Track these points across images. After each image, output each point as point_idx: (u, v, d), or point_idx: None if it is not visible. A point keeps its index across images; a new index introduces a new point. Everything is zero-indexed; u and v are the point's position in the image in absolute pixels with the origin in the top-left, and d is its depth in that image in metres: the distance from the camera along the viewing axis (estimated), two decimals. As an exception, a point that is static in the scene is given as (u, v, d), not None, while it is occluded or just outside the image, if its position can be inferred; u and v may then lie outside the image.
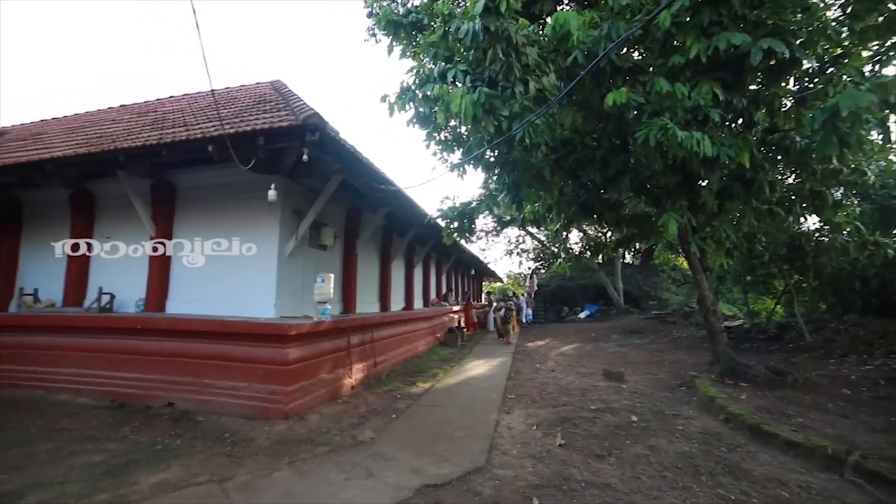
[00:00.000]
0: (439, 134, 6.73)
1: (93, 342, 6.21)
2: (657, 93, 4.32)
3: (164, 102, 9.09)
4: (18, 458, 3.92)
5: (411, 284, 12.41)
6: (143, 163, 5.91)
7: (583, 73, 3.99)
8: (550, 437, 4.61)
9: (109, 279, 7.10)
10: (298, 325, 5.29)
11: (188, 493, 3.30)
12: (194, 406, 5.26)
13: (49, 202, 7.89)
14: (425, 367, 9.01)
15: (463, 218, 6.77)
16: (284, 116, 4.83)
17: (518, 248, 32.09)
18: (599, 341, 13.17)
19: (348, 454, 4.11)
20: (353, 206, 8.26)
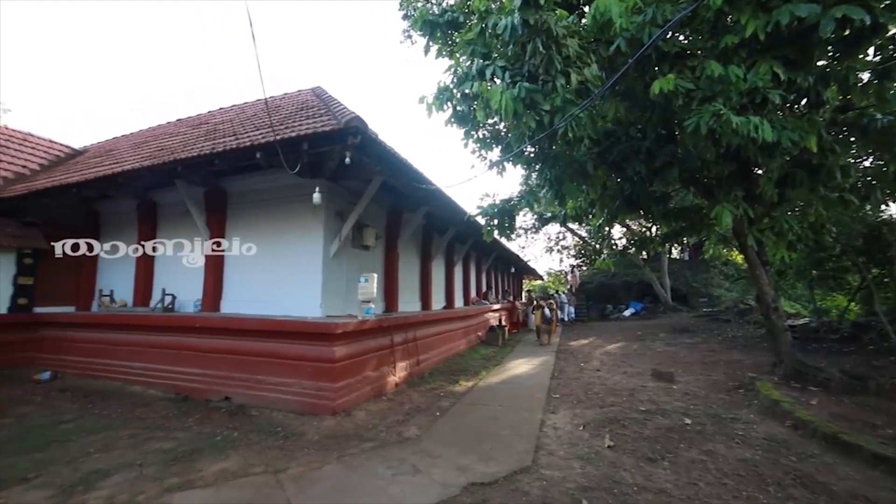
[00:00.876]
0: (477, 132, 6.68)
1: (158, 339, 6.71)
2: (708, 77, 4.06)
3: (215, 114, 9.65)
4: (105, 441, 4.38)
5: (451, 283, 12.46)
6: (198, 171, 6.31)
7: (630, 62, 3.81)
8: (598, 439, 4.48)
9: (171, 281, 7.65)
10: (344, 323, 5.45)
11: (246, 482, 3.49)
12: (248, 400, 5.56)
13: (120, 212, 8.62)
14: (467, 365, 9.02)
15: (503, 215, 6.68)
16: (327, 121, 4.98)
17: (558, 245, 31.45)
18: (646, 340, 12.64)
19: (395, 450, 4.19)
20: (394, 207, 8.41)
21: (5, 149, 10.27)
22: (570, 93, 4.08)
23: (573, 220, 8.41)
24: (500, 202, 6.97)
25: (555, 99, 4.10)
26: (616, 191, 6.62)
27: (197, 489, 3.36)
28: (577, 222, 15.19)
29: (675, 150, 5.68)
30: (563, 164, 5.81)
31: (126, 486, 3.37)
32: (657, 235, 8.99)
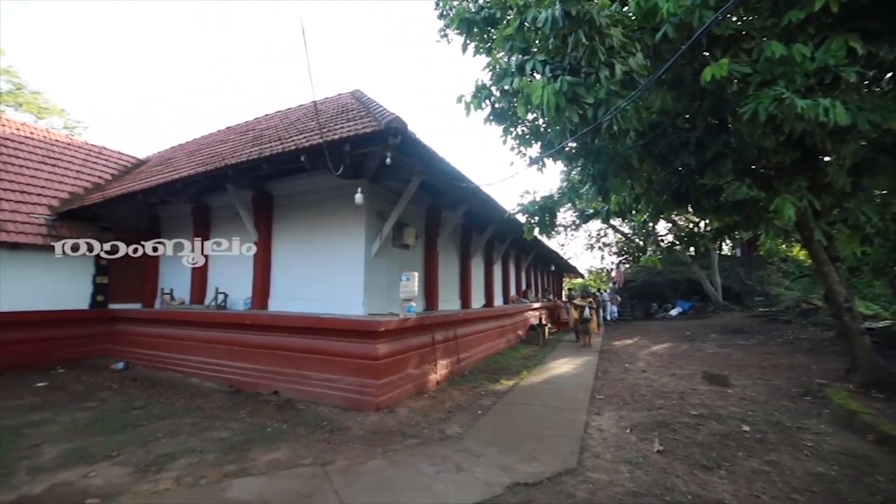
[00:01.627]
0: (516, 128, 6.58)
1: (213, 335, 7.14)
2: (767, 59, 3.76)
3: (261, 121, 10.10)
4: (171, 427, 4.75)
5: (491, 281, 12.40)
6: (246, 176, 6.63)
7: (684, 47, 3.60)
8: (647, 442, 4.30)
9: (223, 280, 8.11)
10: (387, 321, 5.55)
11: (296, 473, 3.63)
12: (296, 395, 5.79)
13: (178, 216, 9.25)
14: (508, 364, 8.95)
15: (544, 212, 6.55)
16: (368, 123, 5.08)
17: (599, 243, 30.52)
18: (696, 341, 12.00)
19: (437, 448, 4.22)
20: (433, 206, 8.48)
21: (85, 162, 11.32)
22: (614, 84, 3.92)
23: (616, 216, 8.09)
24: (540, 199, 6.84)
25: (598, 91, 3.95)
26: (662, 185, 6.31)
27: (251, 477, 3.54)
28: (620, 218, 14.63)
29: (727, 139, 5.33)
30: (606, 158, 5.61)
31: (190, 470, 3.63)
32: (708, 231, 8.48)
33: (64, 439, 4.36)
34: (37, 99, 21.30)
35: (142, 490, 3.30)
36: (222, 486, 3.37)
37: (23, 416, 5.13)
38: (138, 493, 3.26)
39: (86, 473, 3.58)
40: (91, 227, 9.15)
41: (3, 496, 3.21)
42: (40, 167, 10.02)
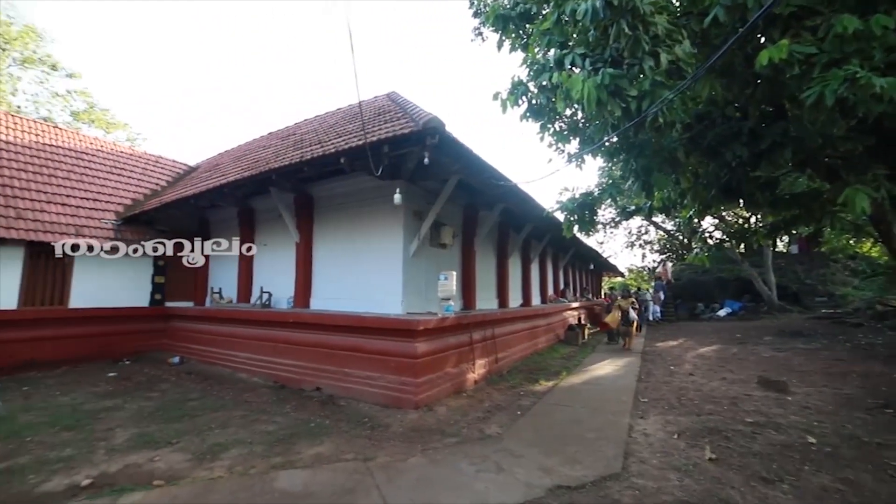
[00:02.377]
0: (553, 125, 6.45)
1: (258, 332, 7.46)
2: (837, 36, 3.45)
3: (301, 125, 10.46)
4: (223, 419, 5.01)
5: (528, 280, 12.24)
6: (288, 179, 6.88)
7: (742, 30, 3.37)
8: (697, 449, 4.09)
9: (267, 280, 8.47)
10: (426, 320, 5.59)
11: (340, 467, 3.72)
12: (337, 391, 5.95)
13: (225, 218, 9.76)
14: (546, 364, 8.80)
15: (583, 209, 6.36)
16: (405, 124, 5.14)
17: (640, 240, 29.41)
18: (748, 343, 11.27)
19: (477, 447, 4.21)
20: (470, 205, 8.47)
21: (144, 171, 12.18)
22: (659, 75, 3.73)
23: (660, 212, 7.74)
24: (580, 196, 6.65)
25: (643, 83, 3.78)
26: (711, 178, 5.97)
27: (297, 469, 3.66)
28: (663, 215, 13.99)
29: (785, 127, 4.95)
30: (650, 152, 5.37)
31: (241, 460, 3.82)
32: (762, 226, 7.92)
33: (132, 425, 4.73)
34: (105, 115, 23.29)
35: (199, 476, 3.51)
36: (271, 477, 3.51)
37: (98, 402, 5.64)
38: (196, 478, 3.47)
39: (151, 457, 3.86)
40: (150, 230, 9.84)
41: (89, 471, 3.59)
42: (108, 177, 10.88)
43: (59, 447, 4.10)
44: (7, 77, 19.51)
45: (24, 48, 19.60)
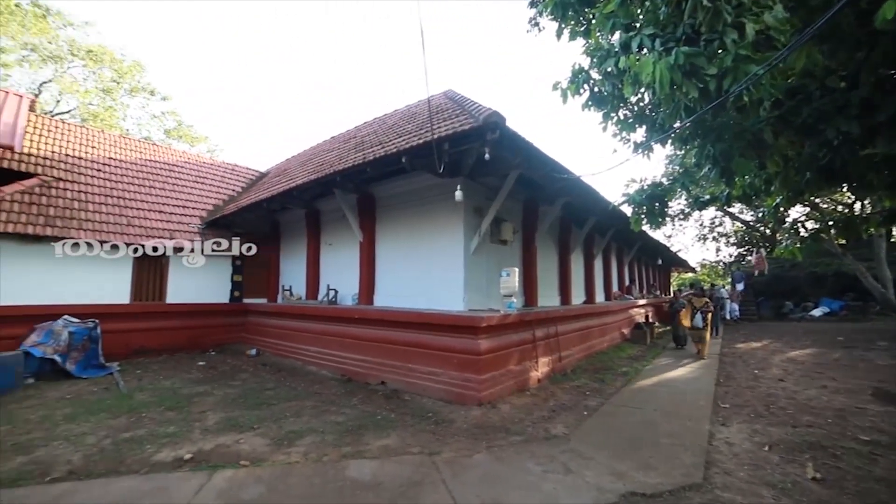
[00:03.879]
0: (617, 113, 6.10)
1: (326, 327, 7.85)
2: None
3: (361, 128, 10.84)
4: (296, 408, 5.33)
5: (591, 277, 11.79)
6: (352, 180, 7.15)
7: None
8: (795, 466, 3.68)
9: (333, 278, 8.89)
10: (488, 317, 5.56)
11: (406, 460, 3.81)
12: (401, 386, 6.10)
13: (293, 220, 10.39)
14: (612, 364, 8.43)
15: (652, 201, 5.95)
16: (464, 120, 5.13)
17: (714, 233, 27.04)
18: (854, 348, 9.96)
19: (543, 447, 4.12)
20: (530, 200, 8.31)
21: (222, 178, 13.35)
22: (744, 48, 3.35)
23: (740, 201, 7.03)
24: (648, 187, 6.24)
25: (724, 59, 3.42)
26: (806, 161, 5.29)
27: (366, 459, 3.80)
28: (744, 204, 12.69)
29: (913, 94, 4.24)
30: (730, 136, 4.87)
31: (314, 448, 4.04)
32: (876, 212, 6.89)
33: (220, 409, 5.20)
34: (189, 131, 25.99)
35: (278, 460, 3.76)
36: (342, 465, 3.68)
37: (192, 388, 6.29)
38: (275, 462, 3.72)
39: (237, 439, 4.22)
40: (228, 232, 10.74)
41: (189, 447, 4.02)
42: (194, 185, 12.06)
43: (166, 424, 4.65)
44: (120, 105, 22.49)
45: (132, 79, 22.40)
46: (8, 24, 17.46)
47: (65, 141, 10.55)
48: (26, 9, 18.13)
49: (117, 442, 4.12)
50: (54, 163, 9.53)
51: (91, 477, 3.43)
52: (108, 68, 21.61)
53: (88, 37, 20.91)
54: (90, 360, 7.37)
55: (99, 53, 20.96)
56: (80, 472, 3.50)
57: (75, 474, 3.47)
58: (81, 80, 21.33)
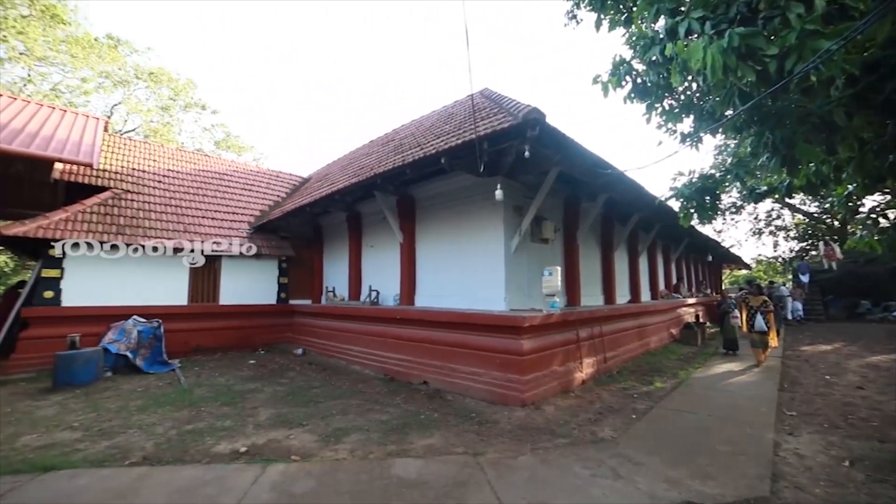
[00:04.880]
0: (662, 103, 5.82)
1: (368, 328, 8.01)
2: None
3: (399, 131, 11.03)
4: (342, 406, 5.47)
5: (636, 275, 11.35)
6: (392, 182, 7.27)
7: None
8: (887, 487, 3.31)
9: (375, 278, 9.06)
10: (531, 317, 5.47)
11: (450, 460, 3.80)
12: (443, 386, 6.11)
13: (335, 223, 10.70)
14: (661, 365, 8.05)
15: (703, 194, 5.63)
16: (503, 118, 5.08)
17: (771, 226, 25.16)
18: (952, 355, 8.90)
19: (590, 450, 3.99)
20: (571, 197, 8.13)
21: (268, 185, 14.00)
22: (812, 22, 3.09)
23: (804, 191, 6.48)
24: (697, 179, 5.90)
25: (787, 37, 3.15)
26: (889, 142, 4.79)
27: (411, 458, 3.83)
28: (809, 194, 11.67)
29: None
30: (792, 120, 4.51)
31: (360, 445, 4.12)
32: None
33: (270, 406, 5.44)
34: (237, 141, 27.60)
35: (326, 456, 3.88)
36: (387, 463, 3.73)
37: (244, 385, 6.62)
38: (324, 458, 3.84)
39: (287, 435, 4.39)
40: (275, 237, 11.26)
41: (244, 441, 4.23)
42: (242, 192, 12.73)
43: (222, 418, 4.92)
44: (176, 120, 24.32)
45: (186, 96, 24.14)
46: (88, 56, 19.58)
47: (131, 156, 11.50)
48: (102, 41, 20.10)
49: (181, 433, 4.42)
50: (123, 176, 10.40)
51: (161, 463, 3.70)
52: (165, 87, 23.37)
53: (150, 60, 22.81)
54: (156, 357, 7.96)
55: (158, 75, 22.76)
56: (153, 459, 3.80)
57: (148, 460, 3.77)
58: (144, 100, 23.25)
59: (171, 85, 23.46)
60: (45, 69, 19.06)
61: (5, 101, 9.16)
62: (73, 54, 19.17)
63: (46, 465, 3.64)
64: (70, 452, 3.96)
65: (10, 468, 3.62)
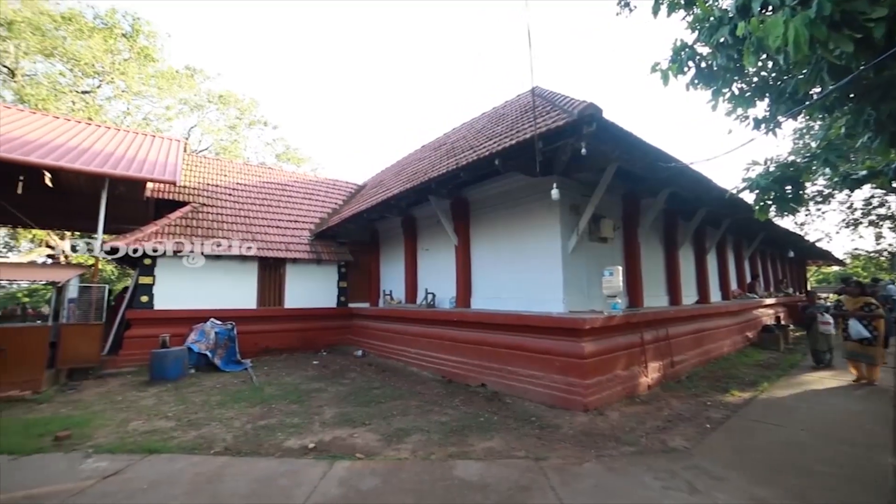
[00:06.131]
0: (731, 88, 5.39)
1: (425, 330, 8.12)
2: None
3: (450, 134, 11.13)
4: (402, 407, 5.58)
5: (704, 274, 10.57)
6: (445, 185, 7.34)
7: None
8: None
9: (430, 281, 9.19)
10: (592, 319, 5.29)
11: (511, 464, 3.75)
12: (502, 389, 6.05)
13: (390, 228, 11.00)
14: (737, 371, 7.42)
15: (783, 184, 5.12)
16: (557, 116, 4.96)
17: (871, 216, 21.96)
18: None
19: (660, 460, 3.76)
20: (630, 193, 7.77)
21: (326, 193, 14.72)
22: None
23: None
24: (776, 168, 5.38)
25: (896, -4, 2.78)
26: None
27: (471, 460, 3.82)
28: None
29: None
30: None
31: (421, 445, 4.17)
32: None
33: (334, 405, 5.67)
34: (296, 153, 29.35)
35: (389, 455, 3.96)
36: (449, 465, 3.74)
37: (309, 384, 6.96)
38: (387, 457, 3.93)
39: (351, 433, 4.55)
40: (334, 242, 11.80)
41: (312, 437, 4.45)
42: (302, 201, 13.49)
43: (291, 415, 5.21)
44: (241, 137, 26.47)
45: (250, 114, 26.20)
46: (171, 87, 22.13)
47: (206, 173, 12.63)
48: (181, 72, 22.55)
49: (256, 428, 4.74)
50: (200, 191, 11.44)
51: (240, 455, 4.00)
52: (233, 108, 25.47)
53: (219, 84, 25.07)
54: (230, 357, 8.63)
55: (227, 97, 24.90)
56: (233, 450, 4.11)
57: (229, 451, 4.09)
58: (215, 121, 25.54)
59: (237, 105, 25.52)
60: (139, 102, 21.84)
61: (112, 133, 10.69)
62: (160, 87, 21.77)
63: (151, 448, 4.14)
64: (167, 439, 4.42)
65: (125, 448, 4.17)
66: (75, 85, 19.12)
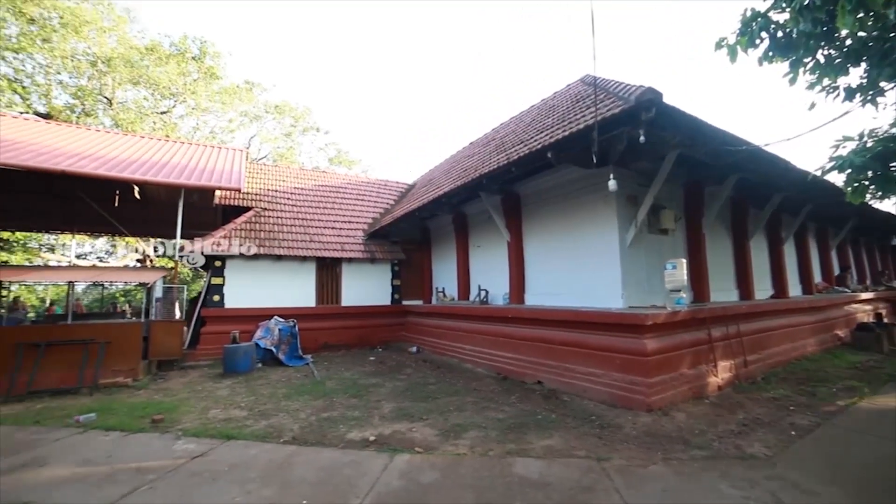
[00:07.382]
0: (814, 56, 4.84)
1: (479, 326, 8.12)
2: None
3: (499, 130, 11.02)
4: (458, 403, 5.63)
5: (780, 265, 9.63)
6: (496, 181, 7.27)
7: None
8: None
9: (483, 278, 9.17)
10: (654, 314, 5.03)
11: (572, 463, 3.65)
12: (559, 386, 5.91)
13: (441, 225, 11.11)
14: (825, 373, 6.69)
15: (885, 162, 4.50)
16: (611, 104, 4.74)
17: None
18: None
19: (737, 467, 3.49)
20: (692, 182, 7.26)
21: (378, 193, 15.17)
22: None
23: None
24: (876, 142, 4.74)
25: None
26: None
27: (531, 458, 3.76)
28: None
29: None
30: None
31: (479, 441, 4.18)
32: None
33: (392, 400, 5.84)
34: (347, 156, 30.54)
35: (447, 450, 4.01)
36: (508, 462, 3.72)
37: (367, 379, 7.22)
38: (445, 452, 3.97)
39: (409, 428, 4.66)
40: (386, 241, 12.13)
41: (371, 430, 4.61)
42: (355, 202, 13.99)
43: (351, 409, 5.43)
44: (296, 144, 28.01)
45: (304, 122, 27.64)
46: (233, 101, 23.93)
47: (266, 179, 13.49)
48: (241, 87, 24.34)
49: (320, 419, 5.00)
50: (261, 196, 12.24)
51: (307, 444, 4.24)
52: (288, 116, 26.95)
53: (275, 95, 26.64)
54: (293, 352, 9.16)
55: (283, 107, 26.41)
56: (299, 440, 4.36)
57: (296, 440, 4.35)
58: (272, 130, 27.18)
59: (291, 114, 26.97)
60: (206, 117, 23.85)
61: (185, 148, 11.80)
62: (223, 101, 23.64)
63: (229, 435, 4.53)
64: (242, 427, 4.80)
65: (207, 433, 4.60)
66: (155, 107, 21.35)
